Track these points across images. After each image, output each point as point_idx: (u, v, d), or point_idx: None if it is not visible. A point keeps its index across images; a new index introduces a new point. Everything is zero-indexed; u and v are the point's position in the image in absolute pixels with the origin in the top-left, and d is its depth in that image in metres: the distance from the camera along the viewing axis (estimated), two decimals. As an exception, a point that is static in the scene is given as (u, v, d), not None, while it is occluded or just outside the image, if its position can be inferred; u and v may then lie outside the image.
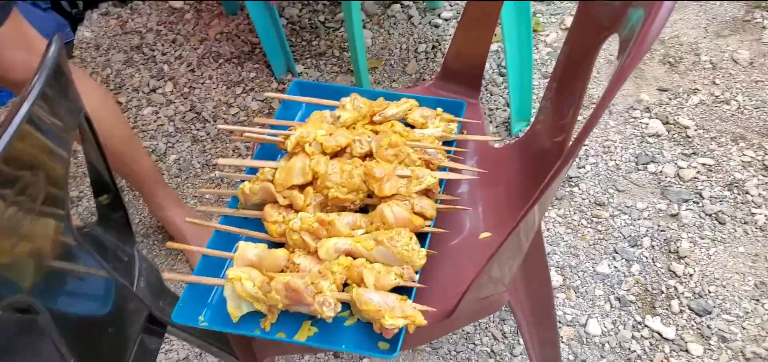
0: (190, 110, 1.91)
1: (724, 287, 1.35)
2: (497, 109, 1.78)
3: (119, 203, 0.93)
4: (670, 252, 1.42)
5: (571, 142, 0.82)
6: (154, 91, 1.99)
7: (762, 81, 1.76)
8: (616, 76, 0.53)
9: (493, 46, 1.96)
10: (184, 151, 1.81)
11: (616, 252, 1.44)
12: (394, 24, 2.09)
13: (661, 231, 1.46)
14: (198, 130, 1.85)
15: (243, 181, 0.96)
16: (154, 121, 1.89)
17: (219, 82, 1.99)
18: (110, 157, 1.35)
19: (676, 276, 1.38)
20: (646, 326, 1.31)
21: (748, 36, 1.90)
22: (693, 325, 1.31)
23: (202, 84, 1.99)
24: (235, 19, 2.19)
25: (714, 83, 1.78)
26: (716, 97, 1.74)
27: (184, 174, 1.75)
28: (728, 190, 1.52)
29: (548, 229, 1.50)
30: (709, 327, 1.29)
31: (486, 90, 1.83)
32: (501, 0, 0.97)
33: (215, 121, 1.87)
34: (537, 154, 0.95)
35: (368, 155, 0.93)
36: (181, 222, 1.51)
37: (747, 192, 1.50)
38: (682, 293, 1.35)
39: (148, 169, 1.46)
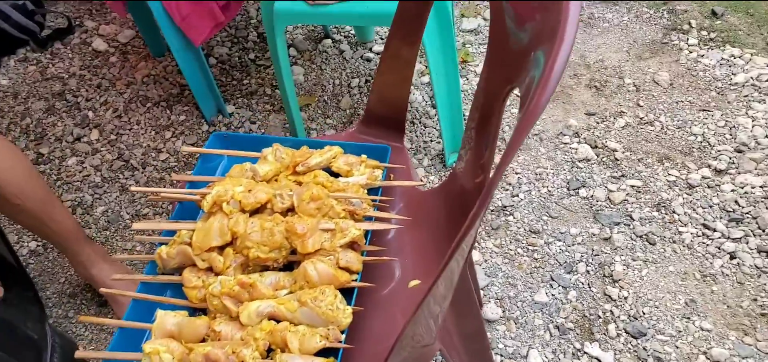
0: (117, 158, 1.84)
1: (657, 307, 1.38)
2: (432, 141, 1.78)
3: (23, 277, 0.87)
4: (604, 276, 1.45)
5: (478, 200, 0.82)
6: (78, 139, 1.90)
7: (682, 101, 1.83)
8: (519, 127, 0.52)
9: (425, 79, 1.97)
10: (112, 202, 1.73)
11: (553, 280, 1.45)
12: (326, 59, 2.08)
13: (595, 255, 1.49)
14: (126, 179, 1.78)
15: (161, 243, 0.91)
16: (80, 172, 1.81)
17: (147, 126, 1.92)
18: (26, 217, 1.29)
19: (612, 299, 1.40)
20: (585, 353, 1.32)
21: (667, 58, 1.98)
22: (630, 348, 1.32)
23: (130, 130, 1.91)
24: (163, 60, 2.13)
25: (638, 105, 1.84)
26: (641, 118, 1.80)
27: (113, 226, 1.67)
28: (656, 211, 1.56)
29: (486, 260, 1.50)
30: (644, 348, 1.31)
31: (420, 123, 1.84)
32: (415, 44, 0.97)
33: (145, 169, 1.80)
34: (460, 196, 0.94)
35: (290, 210, 0.90)
36: (108, 281, 1.44)
37: (674, 212, 1.55)
38: (618, 316, 1.37)
39: (69, 228, 1.38)
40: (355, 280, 0.85)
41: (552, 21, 0.53)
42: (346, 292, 0.84)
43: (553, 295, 1.43)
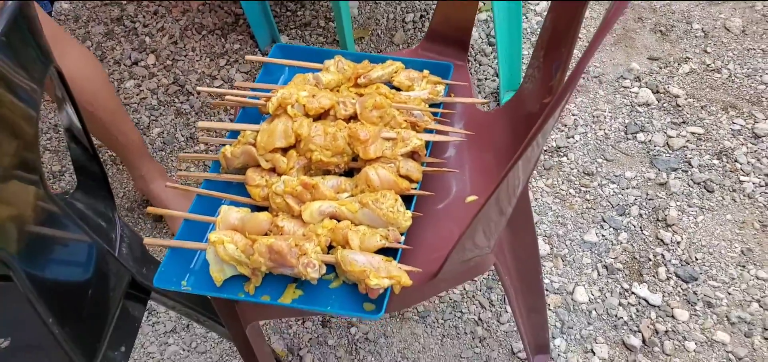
0: (173, 83, 1.87)
1: (711, 254, 1.35)
2: (486, 79, 1.76)
3: (98, 166, 0.90)
4: (658, 220, 1.42)
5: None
6: (136, 63, 1.94)
7: (754, 48, 1.75)
8: (603, 24, 0.51)
9: (482, 16, 1.93)
10: (168, 124, 1.77)
11: (604, 221, 1.43)
12: (381, -7, 2.06)
13: (650, 199, 1.46)
14: (181, 103, 1.82)
15: (224, 145, 0.93)
16: (137, 94, 1.86)
17: (202, 53, 1.95)
18: (96, 126, 1.33)
19: (664, 243, 1.38)
20: (632, 293, 1.31)
21: (741, 3, 1.88)
22: (679, 291, 1.31)
23: (185, 56, 1.95)
24: (219, -11, 2.14)
25: (705, 51, 1.77)
26: (707, 65, 1.73)
27: (169, 147, 1.72)
28: (717, 159, 1.51)
29: (536, 199, 1.49)
30: (695, 293, 1.29)
31: (475, 60, 1.81)
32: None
33: (199, 94, 1.83)
34: (525, 117, 0.93)
35: (353, 117, 0.91)
36: (165, 193, 1.49)
37: (736, 161, 1.50)
38: (669, 260, 1.35)
39: (135, 141, 1.43)
40: (415, 188, 0.86)
41: None
42: (405, 201, 0.85)
43: (603, 236, 1.41)
